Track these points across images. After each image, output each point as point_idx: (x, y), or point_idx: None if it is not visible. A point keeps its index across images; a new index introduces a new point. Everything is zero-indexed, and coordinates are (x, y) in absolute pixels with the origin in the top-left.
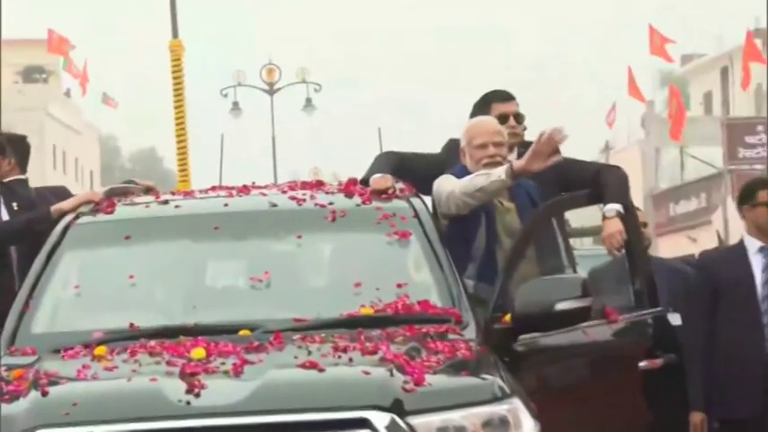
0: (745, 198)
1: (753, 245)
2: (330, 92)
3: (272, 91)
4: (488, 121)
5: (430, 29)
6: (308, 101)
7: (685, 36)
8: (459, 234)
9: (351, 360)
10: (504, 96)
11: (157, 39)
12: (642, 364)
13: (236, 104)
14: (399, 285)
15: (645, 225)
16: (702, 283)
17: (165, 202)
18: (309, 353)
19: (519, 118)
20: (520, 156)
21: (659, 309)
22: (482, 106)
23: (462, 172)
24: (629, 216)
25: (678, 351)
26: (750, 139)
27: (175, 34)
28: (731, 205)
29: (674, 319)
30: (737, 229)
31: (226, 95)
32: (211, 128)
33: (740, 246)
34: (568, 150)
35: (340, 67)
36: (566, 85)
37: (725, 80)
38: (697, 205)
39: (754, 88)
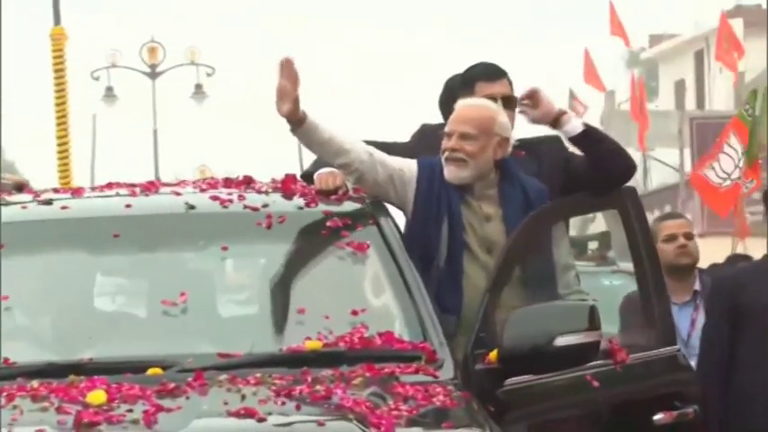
0: None
1: None
2: (225, 76)
3: (154, 74)
4: (468, 105)
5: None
6: (198, 87)
7: (655, 13)
8: (414, 246)
9: (298, 408)
10: (491, 73)
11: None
12: (657, 417)
13: (109, 90)
14: (355, 312)
15: (689, 237)
16: (718, 308)
17: (48, 201)
18: (243, 397)
19: (509, 102)
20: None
21: (675, 347)
22: (465, 85)
23: (438, 165)
24: (628, 213)
25: (700, 401)
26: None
27: (57, 21)
28: (711, 221)
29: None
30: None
31: (98, 79)
32: (80, 117)
33: (765, 263)
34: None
35: (238, 48)
36: (516, 68)
37: (700, 67)
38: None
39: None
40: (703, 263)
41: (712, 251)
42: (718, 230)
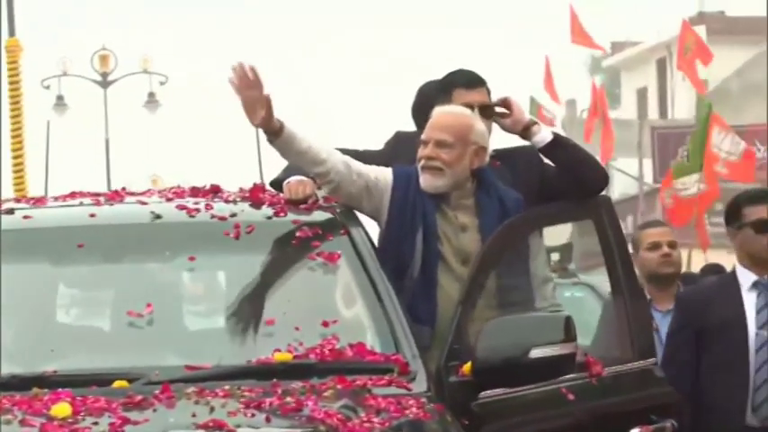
0: (731, 218)
1: (746, 278)
2: (179, 85)
3: (105, 83)
4: (445, 113)
5: (303, 18)
6: (151, 95)
7: (618, 20)
8: (388, 256)
9: (268, 420)
10: (470, 81)
11: None
12: (633, 431)
13: (60, 98)
14: (326, 324)
15: (672, 245)
16: (683, 327)
17: (10, 211)
18: (212, 410)
19: (486, 110)
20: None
21: (652, 360)
22: (442, 91)
23: (414, 174)
24: (603, 223)
25: (677, 414)
26: (685, 151)
27: (12, 32)
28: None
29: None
30: None
31: (48, 87)
32: (31, 127)
33: (731, 279)
34: None
35: (192, 56)
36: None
37: (662, 74)
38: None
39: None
40: None
41: None
42: (681, 241)
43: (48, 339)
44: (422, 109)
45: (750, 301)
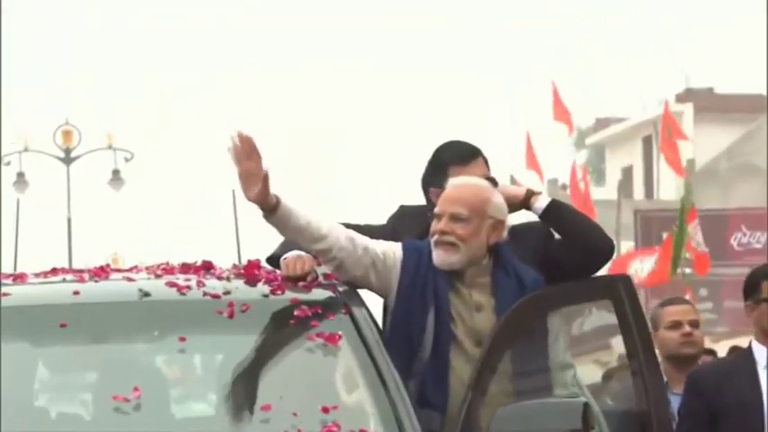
0: (749, 292)
1: (761, 355)
2: (144, 161)
3: (68, 159)
4: (460, 185)
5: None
6: (116, 173)
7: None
8: (398, 337)
9: None
10: (464, 155)
11: None
12: None
13: (21, 175)
14: (326, 409)
15: (694, 324)
16: (696, 407)
17: None
18: None
19: (489, 182)
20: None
21: None
22: (436, 172)
23: (426, 249)
24: (622, 302)
25: None
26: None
27: None
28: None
29: None
30: None
31: (9, 164)
32: None
33: (748, 356)
34: None
35: (156, 132)
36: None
37: (648, 153)
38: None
39: (684, 165)
40: None
41: None
42: None
43: (25, 426)
44: (429, 179)
45: (765, 379)
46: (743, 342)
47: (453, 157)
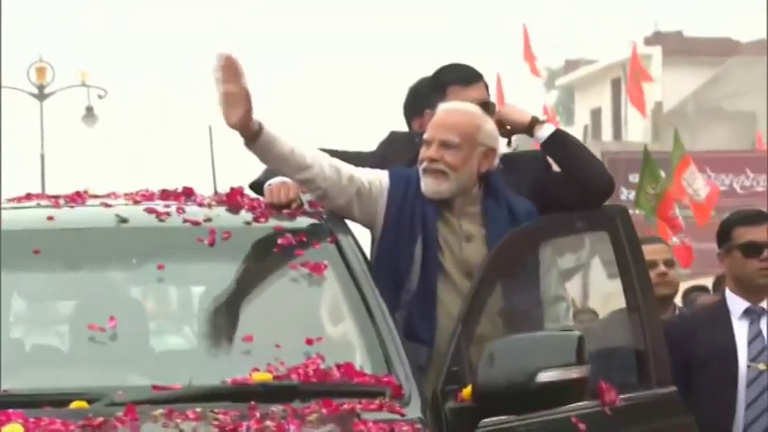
0: (721, 239)
1: (736, 306)
2: (118, 99)
3: (42, 95)
4: (451, 110)
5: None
6: (89, 109)
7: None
8: (385, 268)
9: None
10: (466, 77)
11: None
12: None
13: None
14: (310, 341)
15: (669, 264)
16: (671, 356)
17: None
18: None
19: (486, 108)
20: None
21: (672, 388)
22: (435, 90)
23: (414, 177)
24: (618, 235)
25: None
26: (636, 178)
27: None
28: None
29: None
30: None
31: None
32: None
33: (722, 306)
34: None
35: (132, 70)
36: None
37: (616, 95)
38: (574, 262)
39: (652, 108)
40: None
41: None
42: None
43: None
44: (414, 108)
45: (741, 330)
46: (707, 282)
47: (454, 78)
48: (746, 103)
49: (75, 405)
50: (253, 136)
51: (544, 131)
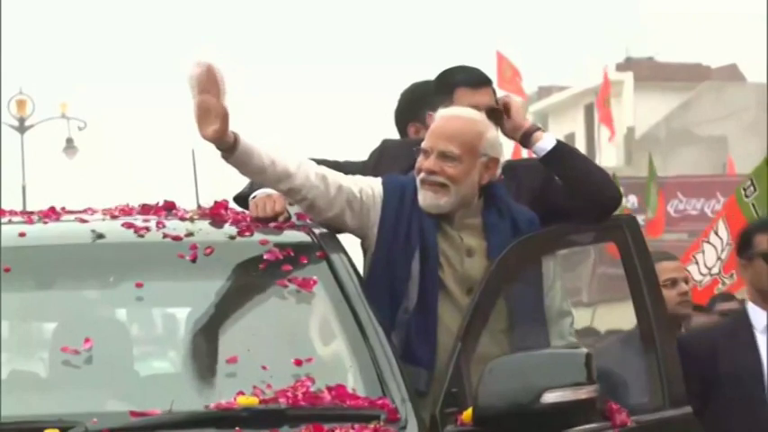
0: (741, 248)
1: (758, 318)
2: (97, 130)
3: (22, 128)
4: (451, 117)
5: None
6: (70, 141)
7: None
8: (379, 285)
9: None
10: (475, 80)
11: None
12: None
13: None
14: (299, 362)
15: (687, 282)
16: (686, 377)
17: None
18: None
19: (493, 115)
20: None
21: (688, 409)
22: (442, 91)
23: (410, 186)
24: (627, 246)
25: None
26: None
27: None
28: None
29: None
30: None
31: None
32: None
33: (743, 319)
34: None
35: (109, 102)
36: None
37: (590, 121)
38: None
39: (624, 133)
40: None
41: None
42: None
43: None
44: (410, 113)
45: (764, 344)
46: None
47: (463, 79)
48: (717, 128)
49: None
50: (229, 148)
51: (545, 143)
